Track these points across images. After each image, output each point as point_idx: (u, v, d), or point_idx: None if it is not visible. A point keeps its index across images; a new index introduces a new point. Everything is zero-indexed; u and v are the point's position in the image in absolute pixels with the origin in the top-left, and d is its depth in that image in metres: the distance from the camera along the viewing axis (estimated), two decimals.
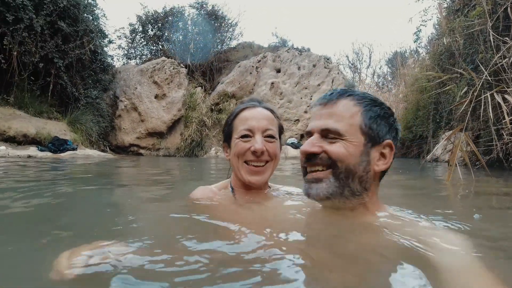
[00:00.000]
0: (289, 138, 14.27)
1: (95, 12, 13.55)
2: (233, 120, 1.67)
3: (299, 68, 15.76)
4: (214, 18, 17.46)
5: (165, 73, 14.26)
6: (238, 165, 1.61)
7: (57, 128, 9.95)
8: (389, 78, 27.98)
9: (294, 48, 17.06)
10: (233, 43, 18.60)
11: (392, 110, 1.29)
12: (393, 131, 1.25)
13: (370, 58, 30.54)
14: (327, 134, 1.19)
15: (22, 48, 10.61)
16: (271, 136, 1.62)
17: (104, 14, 15.12)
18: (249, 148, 1.57)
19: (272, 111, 1.70)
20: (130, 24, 17.47)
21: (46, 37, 11.25)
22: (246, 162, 1.60)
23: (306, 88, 15.40)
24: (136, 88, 13.90)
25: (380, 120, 1.22)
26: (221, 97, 14.91)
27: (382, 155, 1.22)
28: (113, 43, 16.04)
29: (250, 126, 1.59)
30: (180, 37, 17.51)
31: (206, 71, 16.76)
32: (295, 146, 13.48)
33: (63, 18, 11.62)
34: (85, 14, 12.79)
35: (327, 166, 1.18)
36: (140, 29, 17.62)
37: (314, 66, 15.97)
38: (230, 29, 18.26)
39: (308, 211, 1.35)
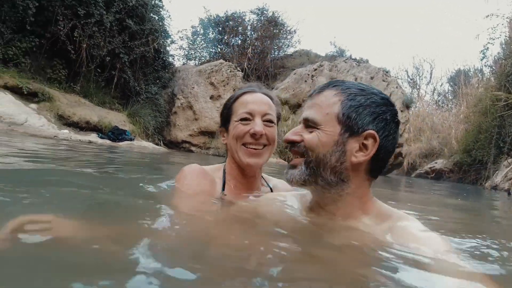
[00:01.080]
0: None
1: (161, 12, 14.15)
2: (232, 103, 1.68)
3: (356, 79, 15.45)
4: (274, 25, 17.64)
5: (222, 75, 14.56)
6: (236, 148, 1.62)
7: (118, 119, 10.46)
8: (450, 97, 26.73)
9: (352, 59, 16.80)
10: (290, 50, 18.70)
11: (391, 101, 1.23)
12: (381, 122, 1.17)
13: (431, 74, 29.24)
14: (307, 123, 1.20)
15: (91, 42, 11.27)
16: (270, 121, 1.63)
17: (169, 16, 15.82)
18: (248, 131, 1.59)
19: (271, 97, 1.71)
20: (192, 26, 18.13)
21: (114, 33, 11.87)
22: (244, 144, 1.61)
23: None
24: (193, 87, 14.30)
25: (362, 110, 1.16)
26: None
27: (364, 146, 1.16)
28: (175, 43, 16.75)
29: (251, 109, 1.60)
30: (239, 41, 17.88)
31: (262, 76, 16.92)
32: None
33: (131, 17, 12.23)
34: (152, 14, 13.40)
35: (300, 155, 1.20)
36: (201, 31, 18.21)
37: (371, 78, 15.59)
38: (289, 36, 18.37)
39: (292, 214, 1.34)
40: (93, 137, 9.18)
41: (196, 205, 1.54)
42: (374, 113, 1.17)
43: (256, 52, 17.01)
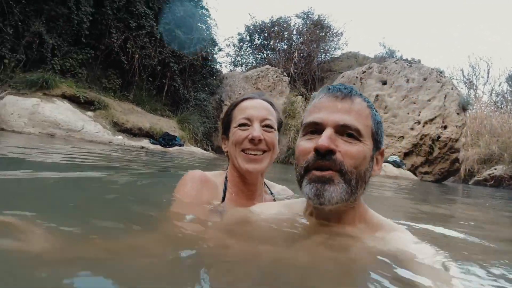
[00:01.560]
0: (391, 155, 13.34)
1: (208, 21, 14.46)
2: (232, 110, 1.64)
3: (407, 81, 14.77)
4: (320, 28, 17.40)
5: (268, 80, 14.54)
6: (235, 154, 1.58)
7: (168, 125, 10.72)
8: (510, 98, 24.87)
9: (403, 59, 16.10)
10: (337, 53, 18.34)
11: None
12: (383, 138, 1.20)
13: (488, 73, 27.46)
14: (344, 131, 1.07)
15: (143, 52, 11.76)
16: (269, 126, 1.59)
17: (216, 24, 16.16)
18: (246, 136, 1.54)
19: (271, 103, 1.67)
20: (239, 34, 18.34)
21: (164, 43, 12.29)
22: (243, 151, 1.56)
23: (414, 103, 14.33)
24: (241, 93, 14.39)
25: (380, 126, 1.16)
26: None
27: (377, 160, 1.17)
28: (222, 50, 17.02)
29: (249, 114, 1.57)
30: (285, 46, 17.82)
31: (308, 80, 16.71)
32: (397, 164, 12.50)
33: (180, 27, 12.59)
34: (199, 24, 13.72)
35: (338, 170, 1.05)
36: (248, 38, 18.36)
37: (424, 79, 14.81)
38: (335, 39, 18.05)
39: (294, 224, 1.24)
40: (145, 142, 9.44)
41: (190, 215, 1.45)
42: (383, 130, 1.18)
43: (302, 56, 16.84)
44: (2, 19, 9.14)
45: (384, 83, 14.95)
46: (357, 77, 14.97)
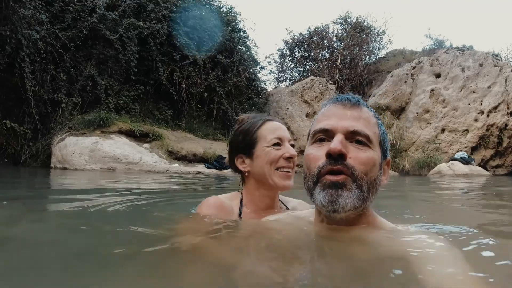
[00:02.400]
0: (457, 152, 12.38)
1: (247, 43, 14.65)
2: (255, 131, 1.70)
3: (462, 70, 13.84)
4: (360, 30, 16.97)
5: (314, 91, 14.29)
6: (270, 172, 1.65)
7: (221, 148, 10.79)
8: None
9: (454, 48, 15.18)
10: (382, 53, 17.72)
11: None
12: (389, 149, 1.22)
13: None
14: (354, 137, 1.08)
15: (189, 81, 12.10)
16: (293, 145, 1.73)
17: (255, 44, 16.34)
18: (281, 155, 1.65)
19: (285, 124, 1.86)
20: (278, 50, 18.38)
21: (208, 70, 12.59)
22: (278, 169, 1.65)
23: (474, 92, 13.35)
24: (288, 108, 14.26)
25: (385, 136, 1.18)
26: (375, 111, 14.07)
27: (384, 170, 1.18)
28: (264, 69, 17.11)
29: (279, 135, 1.68)
30: (327, 54, 17.56)
31: (356, 85, 16.23)
32: (466, 161, 11.53)
33: (220, 52, 12.87)
34: (239, 46, 13.92)
35: (350, 174, 1.05)
36: (288, 52, 18.34)
37: (480, 65, 13.80)
38: (378, 39, 17.48)
39: (309, 231, 1.24)
40: (201, 167, 9.53)
41: (210, 227, 1.52)
42: (388, 141, 1.20)
43: (345, 61, 16.45)
44: (55, 67, 9.84)
45: (438, 75, 14.14)
46: (407, 74, 14.30)
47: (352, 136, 1.08)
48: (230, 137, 1.83)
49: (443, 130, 13.11)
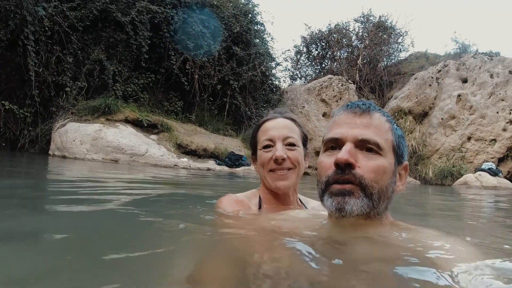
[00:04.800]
0: (484, 162, 11.59)
1: (264, 37, 13.95)
2: (256, 132, 1.71)
3: (491, 76, 13.02)
4: (382, 30, 16.18)
5: (333, 90, 13.55)
6: (264, 174, 1.65)
7: (233, 144, 10.11)
8: None
9: (482, 53, 14.35)
10: (403, 55, 16.93)
11: None
12: (406, 151, 1.20)
13: None
14: (364, 145, 1.08)
15: (202, 72, 11.39)
16: (292, 144, 1.65)
17: (272, 38, 15.62)
18: (271, 157, 1.61)
19: (293, 120, 1.72)
20: (295, 46, 17.65)
21: (223, 61, 11.90)
22: (270, 171, 1.63)
23: (503, 100, 12.52)
24: (304, 106, 13.53)
25: (401, 140, 1.17)
26: (395, 114, 13.29)
27: (400, 176, 1.17)
28: (280, 65, 16.39)
29: (271, 135, 1.64)
30: (345, 54, 16.81)
31: (375, 87, 15.46)
32: (494, 172, 10.73)
33: (236, 43, 12.18)
34: (256, 39, 13.22)
35: (358, 183, 1.05)
36: (304, 50, 17.61)
37: (510, 72, 12.94)
38: (399, 39, 16.67)
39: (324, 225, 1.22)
40: (211, 164, 8.85)
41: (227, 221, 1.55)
42: (405, 145, 1.18)
43: (365, 61, 15.68)
44: (61, 48, 9.18)
45: (464, 80, 13.33)
46: (432, 77, 13.51)
47: (362, 144, 1.07)
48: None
49: (469, 138, 12.32)
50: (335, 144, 1.10)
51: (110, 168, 6.05)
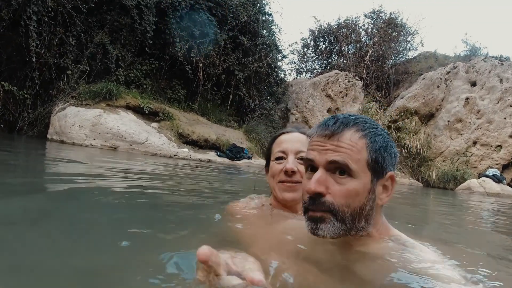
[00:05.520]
0: (489, 168, 11.42)
1: (272, 28, 13.65)
2: (271, 145, 1.76)
3: (501, 81, 12.78)
4: (393, 27, 15.87)
5: (339, 86, 13.34)
6: (273, 185, 1.69)
7: (235, 136, 9.92)
8: None
9: (492, 57, 14.09)
10: (412, 54, 16.65)
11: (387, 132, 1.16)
12: (394, 159, 1.16)
13: None
14: (336, 168, 1.07)
15: (207, 61, 11.12)
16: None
17: (280, 30, 15.32)
18: (282, 169, 1.64)
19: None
20: (302, 39, 17.36)
21: (229, 51, 11.63)
22: (280, 182, 1.65)
23: (511, 106, 12.32)
24: (308, 101, 13.32)
25: (383, 151, 1.11)
26: (401, 114, 13.08)
27: (385, 187, 1.14)
28: (286, 57, 16.14)
29: (284, 148, 1.67)
30: (353, 49, 16.53)
31: (382, 85, 15.21)
32: (498, 179, 10.59)
33: (243, 33, 11.89)
34: (264, 30, 12.94)
35: (329, 210, 1.07)
36: (312, 43, 17.33)
37: None
38: (409, 38, 16.37)
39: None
40: (212, 155, 8.68)
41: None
42: (391, 154, 1.14)
43: (373, 58, 15.41)
44: (64, 30, 8.95)
45: (473, 84, 13.10)
46: (440, 79, 13.26)
47: (334, 167, 1.07)
48: None
49: (474, 142, 12.14)
50: (311, 165, 1.11)
51: (109, 156, 5.90)
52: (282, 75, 14.77)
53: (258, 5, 12.91)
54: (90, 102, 8.23)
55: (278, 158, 1.66)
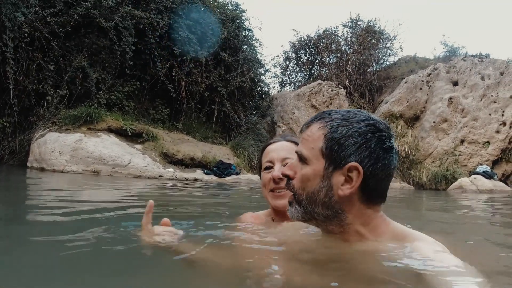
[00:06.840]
0: (479, 165, 11.44)
1: (252, 43, 13.70)
2: (260, 156, 1.81)
3: (482, 78, 12.94)
4: (371, 34, 16.07)
5: (323, 95, 13.36)
6: (266, 194, 1.74)
7: (222, 152, 9.78)
8: None
9: (472, 55, 14.30)
10: (392, 59, 16.85)
11: (379, 127, 1.15)
12: (364, 151, 1.11)
13: None
14: (300, 157, 1.19)
15: (189, 78, 11.04)
16: None
17: (260, 44, 15.37)
18: (270, 178, 1.68)
19: (295, 142, 1.74)
20: (284, 52, 17.46)
21: (210, 68, 11.58)
22: (271, 191, 1.71)
23: (495, 102, 12.42)
24: (294, 113, 13.30)
25: (343, 141, 1.12)
26: (387, 118, 13.10)
27: (349, 178, 1.13)
28: (269, 71, 16.18)
29: (270, 157, 1.71)
30: (334, 59, 16.66)
31: (365, 91, 15.30)
32: (489, 175, 10.60)
33: (224, 49, 11.90)
34: (244, 46, 12.98)
35: (293, 194, 1.20)
36: (294, 56, 17.44)
37: (501, 74, 12.92)
38: (388, 44, 16.58)
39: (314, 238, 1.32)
40: (199, 174, 8.51)
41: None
42: (356, 143, 1.12)
43: (355, 66, 15.55)
44: (42, 55, 8.81)
45: (455, 83, 13.23)
46: (422, 81, 13.38)
47: (299, 156, 1.19)
48: None
49: (462, 141, 12.18)
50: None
51: (90, 181, 5.71)
52: (266, 89, 14.77)
53: (238, 21, 12.98)
54: (70, 127, 8.04)
55: (266, 168, 1.72)
